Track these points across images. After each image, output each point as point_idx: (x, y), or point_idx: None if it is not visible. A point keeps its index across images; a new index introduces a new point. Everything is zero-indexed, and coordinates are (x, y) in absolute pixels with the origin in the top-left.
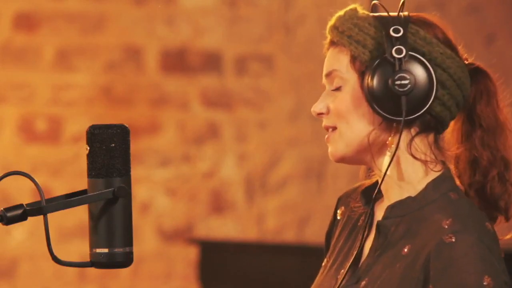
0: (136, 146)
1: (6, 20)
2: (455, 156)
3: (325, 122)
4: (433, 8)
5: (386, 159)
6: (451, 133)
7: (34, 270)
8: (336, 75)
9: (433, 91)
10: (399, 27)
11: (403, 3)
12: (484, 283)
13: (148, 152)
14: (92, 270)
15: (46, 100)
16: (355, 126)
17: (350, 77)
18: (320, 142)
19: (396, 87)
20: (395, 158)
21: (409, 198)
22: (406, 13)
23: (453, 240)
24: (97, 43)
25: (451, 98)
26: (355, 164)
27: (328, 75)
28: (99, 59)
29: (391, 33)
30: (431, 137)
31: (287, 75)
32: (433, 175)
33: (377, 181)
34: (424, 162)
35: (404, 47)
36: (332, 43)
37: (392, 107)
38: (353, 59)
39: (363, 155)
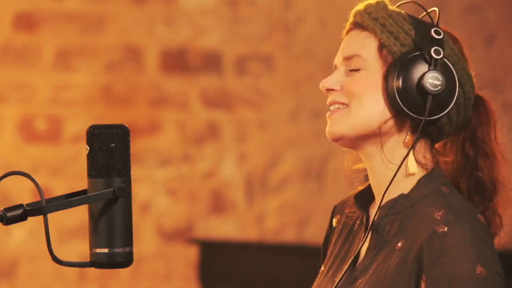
0: (136, 146)
1: (6, 20)
2: (454, 171)
3: (334, 97)
4: (432, 8)
5: (392, 153)
6: (447, 146)
7: (34, 270)
8: (358, 61)
9: (453, 99)
10: (440, 30)
11: (438, 13)
12: (477, 272)
13: (148, 152)
14: (92, 270)
15: (46, 100)
16: (369, 109)
17: (373, 64)
18: (320, 142)
19: (428, 85)
20: (396, 156)
21: (401, 196)
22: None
23: (446, 230)
24: (97, 43)
25: (457, 114)
26: (348, 147)
27: (349, 58)
28: (99, 59)
29: (433, 33)
30: (429, 143)
31: (287, 75)
32: (424, 171)
33: (369, 185)
34: (422, 165)
35: (442, 50)
36: (358, 26)
37: (413, 104)
38: (382, 47)
39: (363, 140)
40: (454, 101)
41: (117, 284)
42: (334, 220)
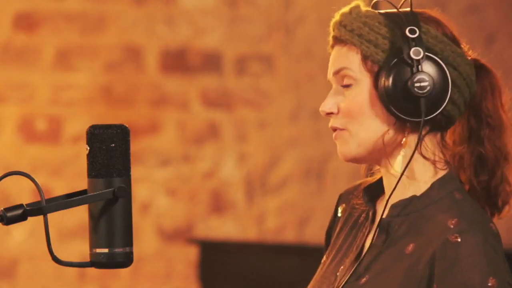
0: (136, 146)
1: (6, 20)
2: (460, 145)
3: (333, 122)
4: (433, 8)
5: (399, 158)
6: (453, 129)
7: (34, 270)
8: (346, 73)
9: (448, 91)
10: (414, 28)
11: (411, 1)
12: (489, 284)
13: (148, 152)
14: (92, 270)
15: (46, 100)
16: (368, 126)
17: (361, 77)
18: (320, 142)
19: (416, 89)
20: (406, 158)
21: (414, 197)
22: (407, 9)
23: (459, 240)
24: (97, 43)
25: (460, 96)
26: (365, 163)
27: (337, 72)
28: (99, 59)
29: (407, 33)
30: (438, 135)
31: (287, 75)
32: (439, 174)
33: (380, 178)
34: (433, 162)
35: (421, 48)
36: (338, 40)
37: (408, 108)
38: (365, 58)
39: (374, 155)
40: (449, 92)
41: (117, 284)
42: (340, 209)
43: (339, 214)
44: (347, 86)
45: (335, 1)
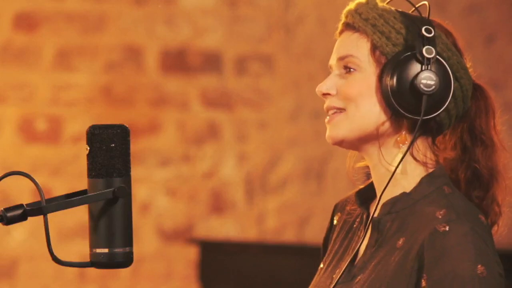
0: (136, 146)
1: (6, 20)
2: (452, 162)
3: (330, 102)
4: (433, 8)
5: (391, 152)
6: (444, 144)
7: (34, 270)
8: (352, 60)
9: (449, 96)
10: (430, 28)
11: (429, 7)
12: (478, 272)
13: (148, 152)
14: (92, 270)
15: (46, 100)
16: (365, 113)
17: (367, 66)
18: (320, 142)
19: (422, 86)
20: (395, 156)
21: (403, 194)
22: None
23: (447, 229)
24: (97, 43)
25: (455, 107)
26: (350, 148)
27: (343, 58)
28: (99, 59)
29: (423, 32)
30: (429, 139)
31: (287, 75)
32: (426, 169)
33: (371, 183)
34: (424, 164)
35: (434, 49)
36: (350, 27)
37: (409, 104)
38: (374, 48)
39: (362, 143)
40: (449, 98)
41: (117, 284)
42: (335, 218)
43: (335, 223)
44: (349, 71)
45: (335, 1)
